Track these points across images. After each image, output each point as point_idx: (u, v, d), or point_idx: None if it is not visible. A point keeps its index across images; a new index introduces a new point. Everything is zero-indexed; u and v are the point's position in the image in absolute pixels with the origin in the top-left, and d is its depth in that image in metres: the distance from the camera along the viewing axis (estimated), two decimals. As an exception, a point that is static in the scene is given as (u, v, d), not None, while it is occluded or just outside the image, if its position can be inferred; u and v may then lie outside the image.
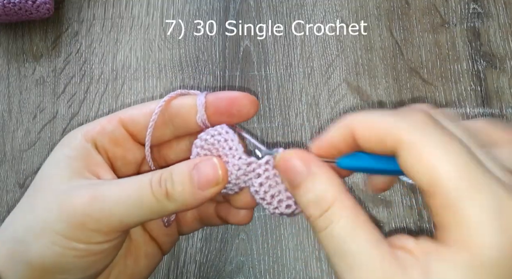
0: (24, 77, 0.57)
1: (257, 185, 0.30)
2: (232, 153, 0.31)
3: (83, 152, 0.31)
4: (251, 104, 0.32)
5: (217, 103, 0.32)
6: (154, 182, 0.29)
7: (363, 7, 0.57)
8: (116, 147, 0.33)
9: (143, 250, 0.35)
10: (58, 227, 0.28)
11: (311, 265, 0.49)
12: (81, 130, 0.32)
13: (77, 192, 0.29)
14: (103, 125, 0.33)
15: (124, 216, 0.29)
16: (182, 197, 0.29)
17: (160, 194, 0.29)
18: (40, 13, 0.55)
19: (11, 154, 0.54)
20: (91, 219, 0.28)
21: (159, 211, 0.29)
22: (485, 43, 0.55)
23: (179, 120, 0.33)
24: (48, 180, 0.30)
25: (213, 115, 0.32)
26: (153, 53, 0.56)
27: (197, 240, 0.50)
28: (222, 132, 0.31)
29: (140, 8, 0.58)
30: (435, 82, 0.54)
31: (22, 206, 0.31)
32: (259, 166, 0.30)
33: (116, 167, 0.34)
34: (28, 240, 0.28)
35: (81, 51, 0.57)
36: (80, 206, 0.28)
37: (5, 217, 0.52)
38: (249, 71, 0.55)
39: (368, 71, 0.55)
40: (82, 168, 0.31)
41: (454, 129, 0.25)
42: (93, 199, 0.28)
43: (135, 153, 0.34)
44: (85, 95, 0.56)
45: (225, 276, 0.49)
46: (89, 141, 0.32)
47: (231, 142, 0.31)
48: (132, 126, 0.33)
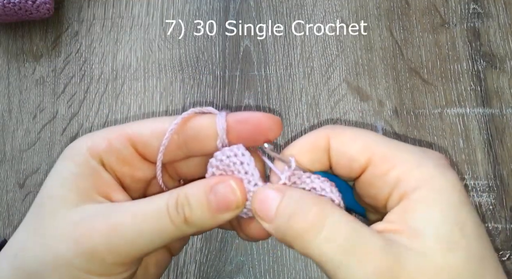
0: (24, 77, 0.57)
1: None
2: (248, 178, 0.29)
3: (90, 169, 0.29)
4: (277, 128, 0.30)
5: (239, 128, 0.30)
6: (171, 208, 0.28)
7: (363, 7, 0.57)
8: (124, 166, 0.31)
9: (153, 258, 0.34)
10: (76, 263, 0.27)
11: (311, 265, 0.49)
12: (86, 144, 0.30)
13: (93, 223, 0.27)
14: (110, 141, 0.30)
15: (144, 246, 0.28)
16: (201, 221, 0.28)
17: (178, 221, 0.28)
18: (40, 13, 0.55)
19: (11, 154, 0.54)
20: (110, 252, 0.27)
21: (178, 236, 0.28)
22: (485, 43, 0.55)
23: (196, 144, 0.31)
24: (55, 202, 0.29)
25: (236, 140, 0.30)
26: (153, 53, 0.56)
27: (197, 240, 0.50)
28: (238, 154, 0.29)
29: (140, 8, 0.58)
30: (435, 82, 0.54)
31: (29, 229, 0.29)
32: None
33: (125, 184, 0.32)
34: (45, 275, 0.27)
35: (81, 51, 0.57)
36: (98, 240, 0.27)
37: (5, 217, 0.52)
38: (249, 71, 0.55)
39: (368, 71, 0.55)
40: (90, 188, 0.29)
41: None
42: (111, 233, 0.27)
43: (144, 171, 0.32)
44: (85, 95, 0.56)
45: (225, 276, 0.49)
46: (95, 157, 0.30)
47: (247, 166, 0.29)
48: (142, 147, 0.31)
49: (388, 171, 0.27)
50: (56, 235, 0.28)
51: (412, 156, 0.27)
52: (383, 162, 0.27)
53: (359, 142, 0.28)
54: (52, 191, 0.29)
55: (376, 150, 0.28)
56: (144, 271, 0.34)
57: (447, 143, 0.52)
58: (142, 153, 0.31)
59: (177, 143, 0.31)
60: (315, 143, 0.30)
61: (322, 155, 0.30)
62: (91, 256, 0.27)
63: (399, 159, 0.27)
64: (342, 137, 0.29)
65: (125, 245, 0.27)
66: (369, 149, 0.28)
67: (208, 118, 0.30)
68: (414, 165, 0.27)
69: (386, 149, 0.28)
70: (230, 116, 0.30)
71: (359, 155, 0.28)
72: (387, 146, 0.28)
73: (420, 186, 0.26)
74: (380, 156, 0.28)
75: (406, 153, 0.28)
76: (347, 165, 0.29)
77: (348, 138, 0.29)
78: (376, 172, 0.28)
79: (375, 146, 0.28)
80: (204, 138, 0.30)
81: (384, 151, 0.28)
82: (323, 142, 0.29)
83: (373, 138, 0.29)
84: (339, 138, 0.29)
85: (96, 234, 0.27)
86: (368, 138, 0.29)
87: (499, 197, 0.50)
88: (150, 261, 0.34)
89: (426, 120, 0.52)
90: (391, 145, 0.28)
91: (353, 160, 0.28)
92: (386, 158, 0.27)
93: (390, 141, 0.28)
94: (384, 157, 0.27)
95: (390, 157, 0.27)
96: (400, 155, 0.27)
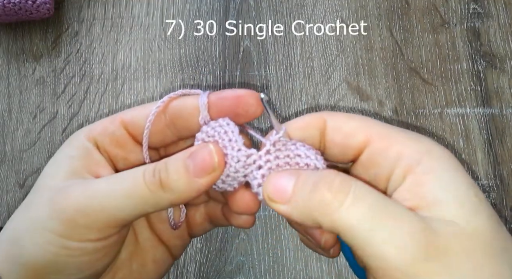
0: (24, 77, 0.57)
1: (260, 176, 0.29)
2: (232, 145, 0.29)
3: (84, 151, 0.31)
4: (257, 103, 0.31)
5: (220, 104, 0.31)
6: (148, 173, 0.28)
7: (363, 7, 0.57)
8: (118, 148, 0.32)
9: (150, 254, 0.34)
10: (49, 225, 0.27)
11: (311, 265, 0.49)
12: (84, 131, 0.32)
13: (70, 188, 0.28)
14: (104, 125, 0.32)
15: (116, 210, 0.27)
16: (177, 186, 0.28)
17: (153, 184, 0.27)
18: (40, 13, 0.55)
19: (11, 154, 0.54)
20: (82, 214, 0.27)
21: (153, 202, 0.28)
22: (485, 43, 0.55)
23: (181, 122, 0.32)
24: (46, 179, 0.30)
25: (217, 116, 0.31)
26: (153, 53, 0.56)
27: (197, 240, 0.50)
28: (223, 124, 0.30)
29: (140, 8, 0.58)
30: (435, 82, 0.54)
31: (21, 206, 0.30)
32: (259, 158, 0.29)
33: (119, 168, 0.33)
34: (22, 240, 0.28)
35: (81, 51, 0.57)
36: (70, 201, 0.27)
37: (5, 217, 0.52)
38: (249, 71, 0.55)
39: (368, 71, 0.55)
40: (81, 167, 0.30)
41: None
42: (83, 194, 0.27)
43: (137, 154, 0.33)
44: (85, 95, 0.56)
45: (225, 276, 0.49)
46: (90, 140, 0.31)
47: (231, 133, 0.30)
48: (133, 128, 0.32)
49: (388, 147, 0.27)
50: (37, 203, 0.28)
51: (408, 134, 0.28)
52: (382, 138, 0.28)
53: (356, 121, 0.29)
54: (46, 171, 0.30)
55: (374, 129, 0.28)
56: (141, 266, 0.33)
57: (447, 143, 0.52)
58: (134, 134, 0.32)
59: (164, 122, 0.32)
60: (310, 122, 0.30)
61: (314, 133, 0.30)
62: (65, 219, 0.27)
63: (397, 136, 0.28)
64: (338, 117, 0.30)
65: (95, 205, 0.27)
66: (367, 128, 0.28)
67: (192, 97, 0.32)
68: (412, 140, 0.27)
69: (383, 129, 0.28)
70: (211, 94, 0.31)
71: (357, 131, 0.29)
72: (384, 127, 0.29)
73: (423, 158, 0.26)
74: (378, 134, 0.28)
75: (402, 132, 0.28)
76: (342, 143, 0.29)
77: (345, 118, 0.30)
78: (376, 149, 0.28)
79: (373, 125, 0.29)
80: (188, 116, 0.31)
81: (381, 130, 0.28)
82: (318, 121, 0.30)
83: (369, 120, 0.29)
84: (335, 118, 0.30)
85: (70, 198, 0.27)
86: (364, 119, 0.29)
87: (499, 196, 0.50)
88: (147, 256, 0.34)
89: (426, 120, 0.52)
90: (387, 126, 0.29)
91: (349, 136, 0.29)
92: (384, 135, 0.28)
93: (385, 124, 0.29)
94: (382, 134, 0.28)
95: (388, 135, 0.28)
96: (396, 134, 0.28)
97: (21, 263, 0.28)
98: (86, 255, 0.28)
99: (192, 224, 0.36)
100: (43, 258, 0.27)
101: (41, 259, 0.27)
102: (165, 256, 0.35)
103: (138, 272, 0.33)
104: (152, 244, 0.34)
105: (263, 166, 0.29)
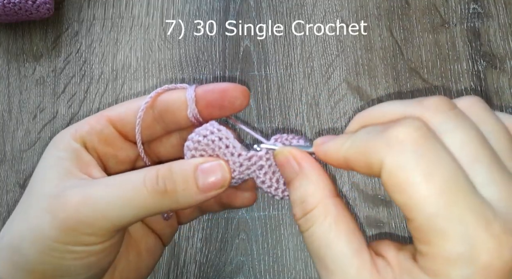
0: (24, 77, 0.57)
1: (262, 175, 0.30)
2: (230, 151, 0.30)
3: (72, 152, 0.30)
4: (243, 96, 0.31)
5: (207, 97, 0.31)
6: (149, 180, 0.28)
7: (363, 7, 0.57)
8: (107, 146, 0.32)
9: (143, 244, 0.35)
10: (51, 234, 0.27)
11: (311, 265, 0.49)
12: (69, 131, 0.32)
13: (68, 194, 0.28)
14: (91, 124, 0.32)
15: (117, 218, 0.28)
16: (183, 196, 0.28)
17: (156, 192, 0.28)
18: (40, 13, 0.55)
19: (11, 154, 0.54)
20: (84, 225, 0.27)
21: (154, 208, 0.28)
22: (485, 43, 0.55)
23: (169, 116, 0.32)
24: (40, 183, 0.30)
25: (205, 109, 0.31)
26: (153, 53, 0.56)
27: (197, 240, 0.50)
28: (214, 131, 0.30)
29: (140, 8, 0.58)
30: (435, 82, 0.54)
31: (17, 212, 0.30)
32: (260, 158, 0.30)
33: (109, 166, 0.33)
34: (25, 249, 0.28)
35: (81, 51, 0.57)
36: (70, 212, 0.27)
37: (5, 217, 0.52)
38: (249, 71, 0.55)
39: (368, 71, 0.55)
40: (73, 167, 0.30)
41: (453, 139, 0.23)
42: (83, 203, 0.27)
43: (127, 151, 0.33)
44: (85, 95, 0.56)
45: (225, 276, 0.49)
46: (78, 140, 0.31)
47: (226, 139, 0.30)
48: (121, 125, 0.32)
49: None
50: (36, 210, 0.28)
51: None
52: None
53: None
54: (38, 175, 0.30)
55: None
56: (137, 256, 0.34)
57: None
58: (122, 131, 0.33)
59: (153, 116, 0.32)
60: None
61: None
62: (66, 228, 0.27)
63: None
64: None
65: (97, 215, 0.27)
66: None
67: (180, 91, 0.32)
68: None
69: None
70: (198, 88, 0.32)
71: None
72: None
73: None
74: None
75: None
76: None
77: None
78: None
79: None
80: (176, 110, 0.32)
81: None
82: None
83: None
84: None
85: (69, 205, 0.27)
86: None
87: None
88: (141, 246, 0.35)
89: (426, 120, 0.52)
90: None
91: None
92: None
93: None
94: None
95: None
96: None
97: (27, 269, 0.28)
98: (91, 256, 0.29)
99: (181, 213, 0.37)
100: (50, 264, 0.28)
101: (48, 265, 0.28)
102: (156, 244, 0.36)
103: (135, 261, 0.34)
104: (143, 234, 0.35)
105: (264, 165, 0.30)
